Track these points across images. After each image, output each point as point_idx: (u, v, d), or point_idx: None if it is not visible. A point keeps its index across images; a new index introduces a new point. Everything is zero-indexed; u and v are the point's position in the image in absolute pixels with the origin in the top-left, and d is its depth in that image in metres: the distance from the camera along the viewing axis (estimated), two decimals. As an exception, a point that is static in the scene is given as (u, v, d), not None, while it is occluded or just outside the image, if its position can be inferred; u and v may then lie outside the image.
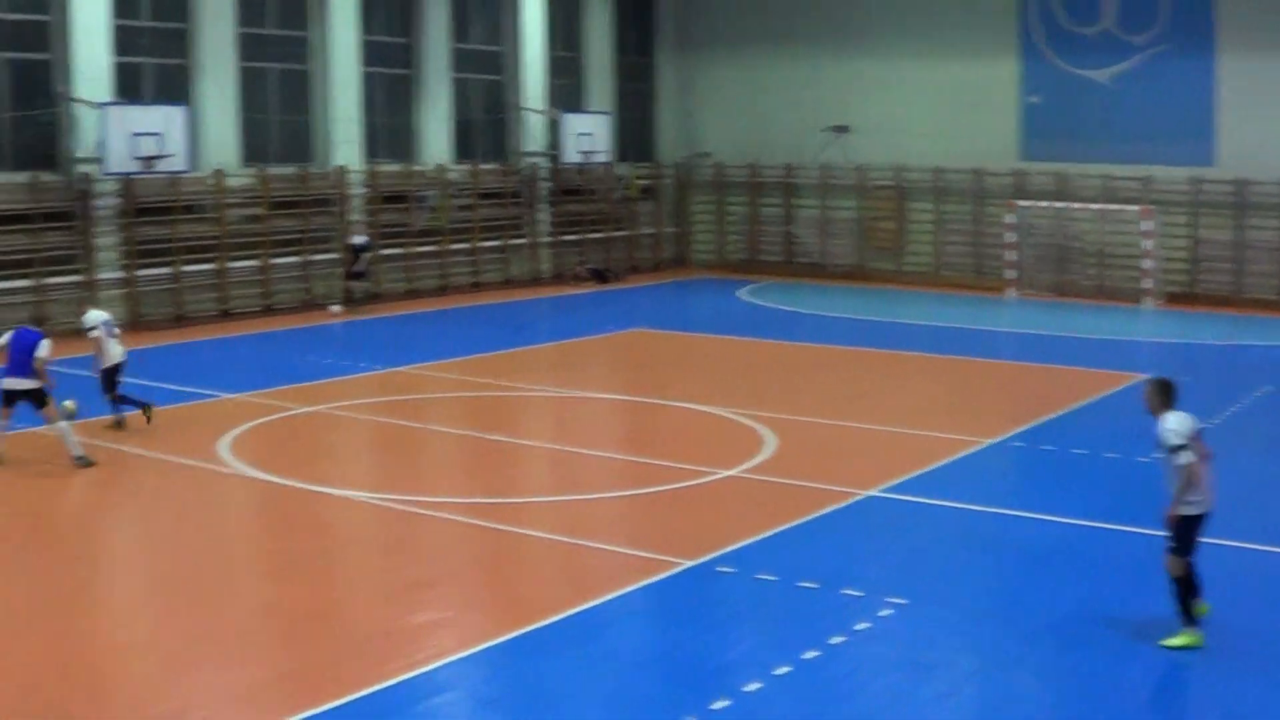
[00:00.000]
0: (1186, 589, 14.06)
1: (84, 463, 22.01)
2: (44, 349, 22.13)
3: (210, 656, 14.24)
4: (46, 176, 35.80)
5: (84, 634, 15.25)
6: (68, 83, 35.97)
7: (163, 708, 12.90)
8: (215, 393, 27.75)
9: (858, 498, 19.78)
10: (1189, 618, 14.07)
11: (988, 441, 23.30)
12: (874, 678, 13.42)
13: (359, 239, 40.55)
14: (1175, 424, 14.04)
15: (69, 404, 23.21)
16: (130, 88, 37.43)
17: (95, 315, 25.13)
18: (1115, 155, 43.67)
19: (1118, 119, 43.88)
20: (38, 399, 22.18)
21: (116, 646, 14.94)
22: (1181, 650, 13.97)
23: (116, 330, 25.30)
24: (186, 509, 20.19)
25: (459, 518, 19.10)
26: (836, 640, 14.19)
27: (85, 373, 24.92)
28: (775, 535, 18.06)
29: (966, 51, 46.29)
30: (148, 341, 34.58)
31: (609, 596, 15.84)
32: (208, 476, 21.54)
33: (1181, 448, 13.93)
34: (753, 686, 13.06)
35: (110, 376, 24.66)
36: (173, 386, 28.31)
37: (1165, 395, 14.30)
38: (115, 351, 24.70)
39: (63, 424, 22.29)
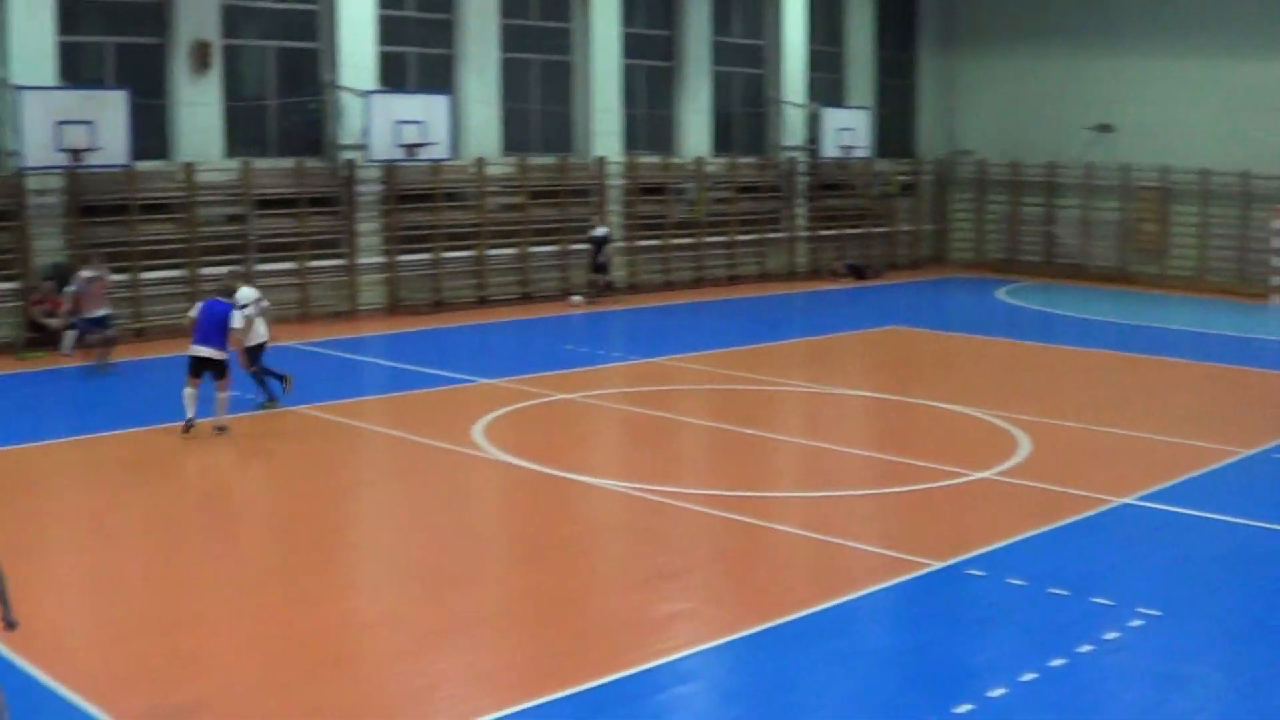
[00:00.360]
0: None
1: (220, 430, 23.02)
2: (236, 320, 23.04)
3: (458, 637, 14.40)
4: (312, 162, 36.54)
5: (338, 608, 15.51)
6: (334, 71, 36.69)
7: (412, 684, 13.06)
8: (470, 377, 28.11)
9: (1112, 505, 19.41)
10: None
11: (1248, 452, 22.72)
12: (1122, 689, 13.15)
13: (600, 230, 40.67)
14: None
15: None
16: (395, 77, 38.07)
17: (249, 293, 25.45)
18: (1391, 160, 42.57)
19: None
20: (219, 369, 22.91)
21: (369, 622, 15.16)
22: None
23: (266, 305, 25.63)
24: (440, 491, 20.48)
25: (707, 509, 19.09)
26: (1085, 649, 13.94)
27: (335, 353, 25.34)
28: (1026, 539, 17.79)
29: (1235, 51, 45.20)
30: (406, 326, 35.22)
31: (856, 595, 15.72)
32: (462, 460, 21.81)
33: None
34: (997, 692, 12.88)
35: (255, 354, 25.09)
36: (429, 370, 28.78)
37: None
38: (262, 330, 25.12)
39: (224, 395, 23.04)
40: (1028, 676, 13.24)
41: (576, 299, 39.93)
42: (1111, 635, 14.36)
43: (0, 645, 13.66)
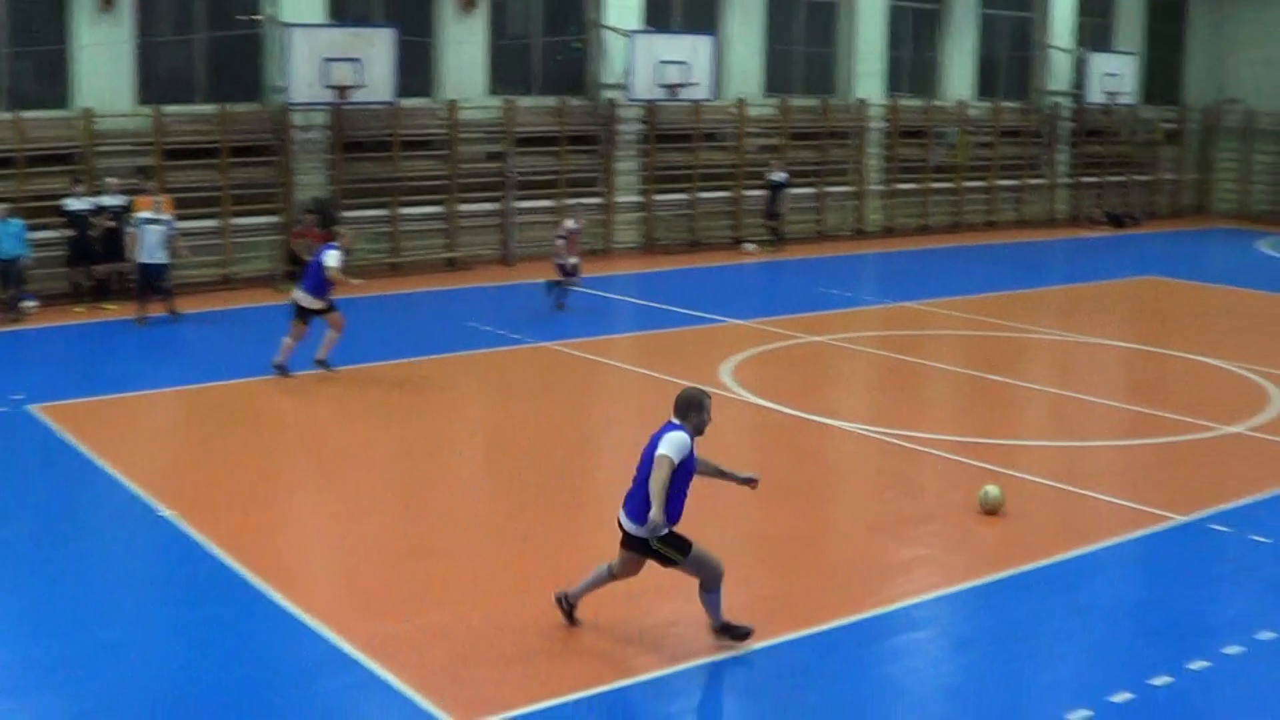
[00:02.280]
0: None
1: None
2: (330, 259, 22.68)
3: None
4: (574, 101, 36.92)
5: (579, 545, 15.71)
6: (599, 11, 36.97)
7: (647, 623, 13.25)
8: (721, 318, 28.32)
9: (1367, 464, 19.11)
10: None
11: None
12: (1364, 650, 13.02)
13: (778, 175, 39.71)
14: None
15: None
16: (659, 17, 38.23)
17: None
18: None
19: None
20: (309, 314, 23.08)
21: (607, 559, 15.44)
22: None
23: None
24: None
25: (952, 456, 19.10)
26: (1328, 611, 13.81)
27: (588, 290, 25.58)
28: (1274, 497, 17.53)
29: None
30: (660, 265, 35.47)
31: (1097, 546, 15.67)
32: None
33: None
34: (1233, 650, 12.79)
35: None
36: (680, 310, 29.03)
37: None
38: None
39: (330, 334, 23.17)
40: (1266, 635, 13.12)
41: (750, 247, 39.46)
42: (1356, 597, 14.19)
43: (247, 572, 14.21)
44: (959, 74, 45.00)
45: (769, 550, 15.52)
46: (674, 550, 12.48)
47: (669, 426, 12.79)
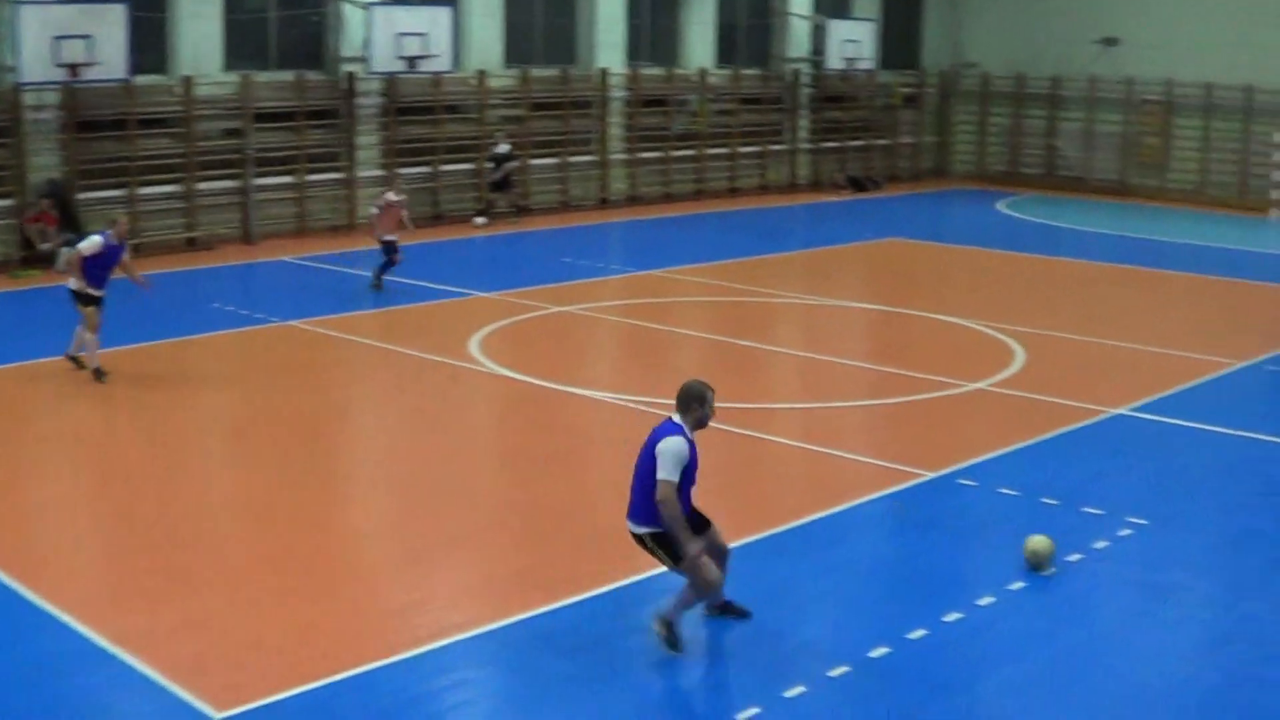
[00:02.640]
0: None
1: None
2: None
3: (451, 551, 14.50)
4: (312, 75, 36.40)
5: (332, 524, 15.62)
6: (336, -17, 36.53)
7: (403, 599, 13.17)
8: (468, 291, 28.14)
9: (1105, 416, 19.54)
10: None
11: (1241, 364, 22.83)
12: (1109, 598, 13.28)
13: (502, 147, 39.08)
14: None
15: None
16: (395, -11, 37.85)
17: None
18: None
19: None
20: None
21: (364, 538, 15.27)
22: None
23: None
24: (435, 404, 20.56)
25: (702, 422, 19.16)
26: (1074, 558, 14.06)
27: (331, 267, 25.33)
28: (1020, 450, 17.95)
29: (1242, -36, 44.98)
30: (405, 239, 35.15)
31: (849, 504, 15.86)
32: (458, 373, 21.89)
33: None
34: (986, 600, 13.02)
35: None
36: (426, 284, 28.79)
37: None
38: None
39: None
40: (1017, 585, 13.39)
41: (480, 221, 38.74)
42: (1100, 544, 14.50)
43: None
44: (699, 42, 45.14)
45: (521, 522, 15.44)
46: (664, 554, 12.22)
47: (668, 426, 12.19)
